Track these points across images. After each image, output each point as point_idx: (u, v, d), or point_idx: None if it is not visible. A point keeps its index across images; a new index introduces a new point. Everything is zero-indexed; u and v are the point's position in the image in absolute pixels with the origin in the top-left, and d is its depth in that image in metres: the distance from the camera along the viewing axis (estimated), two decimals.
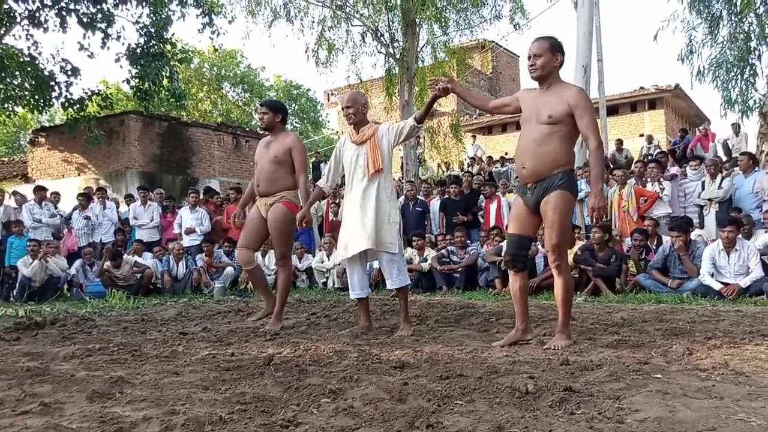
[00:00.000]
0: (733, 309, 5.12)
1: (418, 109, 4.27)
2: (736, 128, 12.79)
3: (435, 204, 9.93)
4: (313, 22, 15.72)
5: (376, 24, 15.50)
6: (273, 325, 4.57)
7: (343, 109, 4.36)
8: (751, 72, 10.37)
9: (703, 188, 8.16)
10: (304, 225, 4.51)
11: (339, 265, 8.38)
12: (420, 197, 10.06)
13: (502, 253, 7.25)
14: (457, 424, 1.95)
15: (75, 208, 10.10)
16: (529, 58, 3.51)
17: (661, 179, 8.19)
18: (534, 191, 3.50)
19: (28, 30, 14.49)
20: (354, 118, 4.28)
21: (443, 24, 15.25)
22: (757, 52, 10.34)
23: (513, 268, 3.66)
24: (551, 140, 3.40)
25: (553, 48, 3.47)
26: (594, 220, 3.36)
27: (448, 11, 15.14)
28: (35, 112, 15.64)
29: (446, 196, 9.80)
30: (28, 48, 14.57)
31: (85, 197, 10.09)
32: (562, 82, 3.53)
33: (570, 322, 3.66)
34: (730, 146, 12.68)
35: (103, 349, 3.65)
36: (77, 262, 8.83)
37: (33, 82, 14.38)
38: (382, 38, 15.50)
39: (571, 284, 3.61)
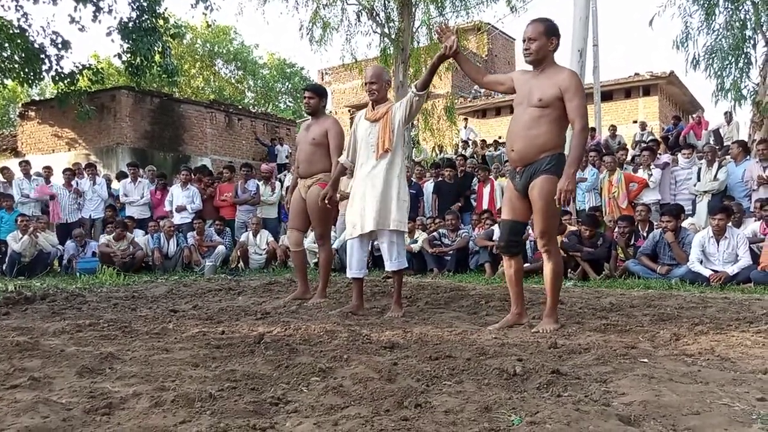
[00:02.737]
0: (721, 296, 5.17)
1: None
2: (728, 117, 12.81)
3: (428, 186, 9.92)
4: None
5: (372, 3, 15.35)
6: (318, 297, 4.87)
7: (366, 84, 4.30)
8: (746, 61, 10.37)
9: (698, 177, 8.17)
10: (327, 204, 4.56)
11: (333, 244, 8.36)
12: (413, 179, 10.05)
13: (494, 237, 7.34)
14: (445, 404, 1.97)
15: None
16: (524, 41, 3.45)
17: (652, 165, 8.21)
18: (522, 175, 3.49)
19: (17, 1, 14.23)
20: (377, 95, 4.24)
21: (439, 4, 15.14)
22: (752, 41, 10.32)
23: (507, 254, 3.68)
24: (540, 124, 3.38)
25: (548, 32, 3.40)
26: (559, 203, 3.24)
27: None
28: (25, 85, 15.40)
29: (440, 179, 9.78)
30: (18, 19, 14.25)
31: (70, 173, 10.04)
32: (557, 65, 3.48)
33: (558, 305, 3.70)
34: (722, 134, 12.70)
35: (93, 325, 3.65)
36: (70, 245, 8.74)
37: (23, 55, 14.12)
38: (377, 17, 15.36)
39: (560, 269, 3.64)
